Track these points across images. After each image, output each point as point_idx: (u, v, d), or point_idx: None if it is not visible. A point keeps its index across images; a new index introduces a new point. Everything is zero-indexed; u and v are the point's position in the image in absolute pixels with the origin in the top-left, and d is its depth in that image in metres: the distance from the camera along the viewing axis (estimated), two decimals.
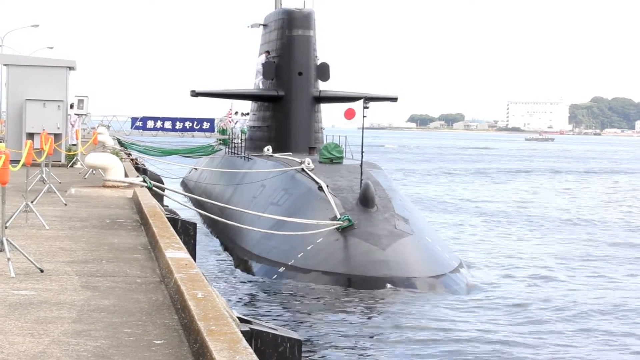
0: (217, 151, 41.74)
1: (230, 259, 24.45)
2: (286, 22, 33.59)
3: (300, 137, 33.06)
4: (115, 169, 17.96)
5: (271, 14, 35.69)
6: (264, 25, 36.32)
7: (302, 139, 32.88)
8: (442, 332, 16.52)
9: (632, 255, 28.46)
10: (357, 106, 24.44)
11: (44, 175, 17.71)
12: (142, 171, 26.88)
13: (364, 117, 23.36)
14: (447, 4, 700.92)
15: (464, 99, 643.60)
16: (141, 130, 43.74)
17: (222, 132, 43.27)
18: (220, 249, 26.56)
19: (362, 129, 23.21)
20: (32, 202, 13.13)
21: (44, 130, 20.69)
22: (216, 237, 28.42)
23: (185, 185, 44.40)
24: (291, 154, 31.05)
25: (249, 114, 40.02)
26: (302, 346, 8.10)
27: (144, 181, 17.38)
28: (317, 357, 14.66)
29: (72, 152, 25.83)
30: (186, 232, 13.87)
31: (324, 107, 35.47)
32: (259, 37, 37.16)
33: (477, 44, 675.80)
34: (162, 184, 22.05)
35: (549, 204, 47.59)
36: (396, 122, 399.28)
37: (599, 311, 19.22)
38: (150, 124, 43.58)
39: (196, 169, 40.31)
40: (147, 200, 14.87)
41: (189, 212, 25.27)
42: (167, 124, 43.76)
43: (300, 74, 33.36)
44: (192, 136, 45.02)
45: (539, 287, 21.82)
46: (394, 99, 37.76)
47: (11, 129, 25.18)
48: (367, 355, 14.96)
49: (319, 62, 34.06)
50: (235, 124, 43.75)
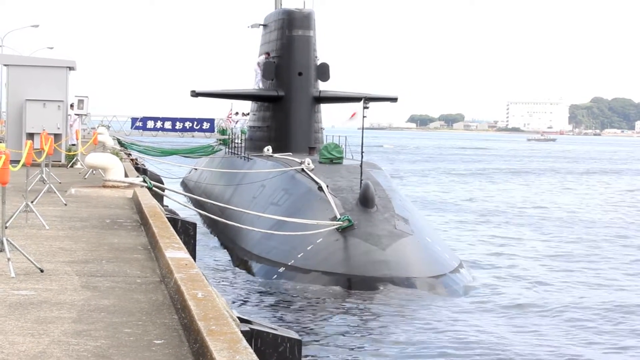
0: (217, 151, 41.74)
1: (230, 259, 24.46)
2: (286, 22, 33.61)
3: (300, 137, 33.07)
4: (115, 169, 17.97)
5: (271, 14, 35.70)
6: (264, 25, 36.34)
7: (302, 139, 32.89)
8: (442, 333, 16.53)
9: (632, 254, 28.48)
10: (357, 107, 24.43)
11: (44, 175, 17.71)
12: (142, 171, 26.88)
13: (363, 117, 23.38)
14: (447, 4, 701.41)
15: (463, 99, 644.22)
16: (141, 130, 43.70)
17: (222, 132, 43.27)
18: (220, 249, 26.56)
19: (362, 129, 23.21)
20: (32, 202, 13.13)
21: (44, 130, 20.70)
22: (216, 237, 28.42)
23: (185, 185, 44.41)
24: (291, 154, 31.05)
25: (249, 114, 40.03)
26: (302, 346, 8.10)
27: (144, 181, 17.38)
28: (317, 357, 14.67)
29: (72, 152, 25.83)
30: (186, 232, 13.86)
31: (324, 107, 35.51)
32: (259, 37, 37.19)
33: (477, 44, 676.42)
34: (162, 184, 22.05)
35: (549, 203, 47.59)
36: (396, 122, 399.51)
37: (599, 311, 19.23)
38: (150, 124, 43.54)
39: (196, 169, 40.32)
40: (147, 200, 14.87)
41: (189, 212, 25.29)
42: (167, 124, 43.72)
43: (300, 74, 33.38)
44: (192, 136, 45.00)
45: (538, 287, 21.82)
46: (394, 99, 37.77)
47: (11, 129, 25.19)
48: (366, 355, 14.96)
49: (319, 63, 34.07)
50: (235, 124, 43.74)
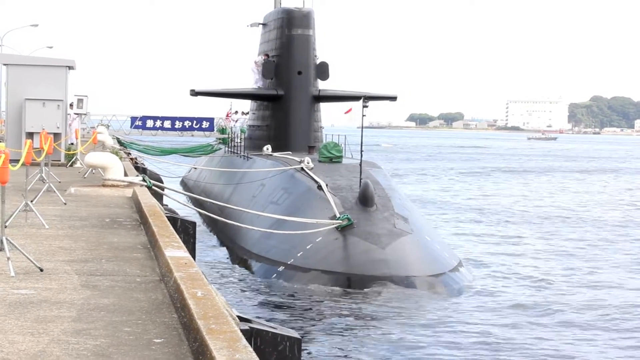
0: (216, 150, 41.75)
1: (229, 258, 24.47)
2: (285, 21, 33.61)
3: (299, 136, 33.07)
4: (114, 168, 17.97)
5: (270, 13, 35.69)
6: (264, 24, 36.33)
7: (302, 138, 32.90)
8: (441, 331, 16.55)
9: (632, 253, 28.48)
10: (357, 105, 24.44)
11: (43, 174, 17.70)
12: (141, 170, 26.90)
13: (363, 116, 23.38)
14: (446, 4, 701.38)
15: (463, 98, 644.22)
16: (140, 129, 43.69)
17: (222, 131, 43.27)
18: (219, 248, 26.57)
19: (362, 128, 23.22)
20: (31, 201, 13.13)
21: (43, 129, 20.68)
22: (216, 236, 28.43)
23: (184, 184, 44.41)
24: (290, 153, 31.06)
25: (249, 113, 40.02)
26: (302, 345, 8.11)
27: (144, 180, 17.38)
28: (317, 355, 14.68)
29: (71, 152, 25.83)
30: (186, 231, 13.86)
31: (324, 106, 35.52)
32: (258, 36, 37.18)
33: (477, 43, 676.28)
34: (162, 183, 22.07)
35: (548, 202, 47.61)
36: (395, 121, 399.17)
37: (598, 310, 19.24)
38: (149, 123, 43.54)
39: (195, 168, 40.33)
40: (146, 199, 14.87)
41: (188, 211, 25.28)
42: (167, 123, 43.70)
43: (299, 73, 33.38)
44: (192, 135, 44.99)
45: (538, 286, 21.83)
46: (394, 98, 37.78)
47: (11, 128, 25.19)
48: (365, 353, 14.97)
49: (318, 62, 34.07)
50: (235, 123, 43.74)
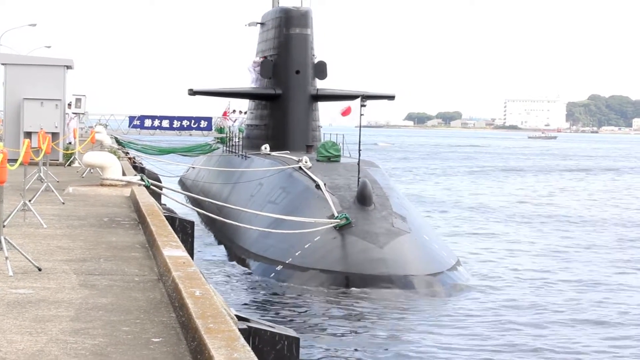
0: (214, 150, 41.77)
1: (228, 257, 24.48)
2: (283, 20, 33.63)
3: (297, 136, 33.09)
4: (112, 167, 17.97)
5: (268, 13, 35.70)
6: (262, 23, 36.35)
7: (300, 137, 32.91)
8: (440, 330, 16.56)
9: (631, 253, 28.50)
10: (355, 104, 24.46)
11: (41, 174, 17.68)
12: (139, 170, 26.89)
13: (361, 115, 23.41)
14: (445, 3, 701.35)
15: (461, 97, 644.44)
16: (139, 129, 43.74)
17: (220, 130, 43.28)
18: (217, 247, 26.58)
19: (360, 127, 23.23)
20: (29, 200, 13.13)
21: (41, 129, 20.66)
22: (214, 236, 28.44)
23: (182, 183, 44.41)
24: (289, 152, 31.07)
25: (247, 112, 40.04)
26: (300, 344, 8.12)
27: (142, 180, 17.38)
28: (315, 354, 14.69)
29: (69, 151, 25.82)
30: (184, 230, 13.86)
31: (322, 105, 35.54)
32: (256, 35, 37.19)
33: (475, 43, 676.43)
34: (160, 182, 22.07)
35: (547, 202, 47.64)
36: (393, 120, 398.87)
37: (597, 308, 19.27)
38: (147, 122, 43.58)
39: (194, 167, 40.34)
40: (144, 198, 14.87)
41: (186, 211, 25.28)
42: (165, 123, 43.75)
43: (297, 72, 33.40)
44: (190, 135, 45.03)
45: (536, 285, 21.85)
46: (392, 97, 37.81)
47: (9, 128, 25.18)
48: (364, 352, 14.98)
49: (316, 61, 34.09)
50: (234, 122, 43.77)
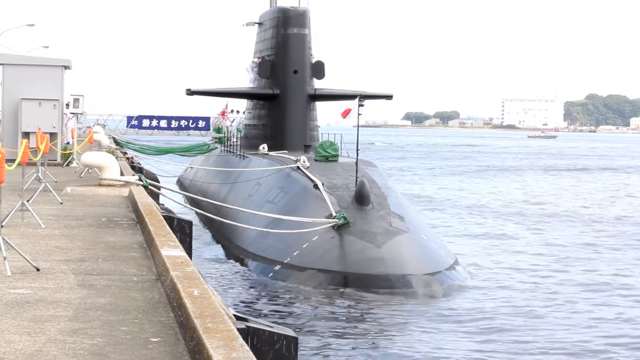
0: (212, 150, 41.78)
1: (226, 257, 24.48)
2: (281, 20, 33.64)
3: (295, 135, 33.10)
4: (111, 167, 17.96)
5: (266, 13, 35.71)
6: (259, 23, 36.37)
7: (298, 137, 32.92)
8: (438, 330, 16.57)
9: (630, 252, 28.52)
10: (353, 105, 24.48)
11: (39, 174, 17.67)
12: (137, 170, 26.89)
13: (359, 115, 23.42)
14: (443, 3, 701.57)
15: (459, 96, 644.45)
16: (137, 129, 43.72)
17: (218, 130, 43.28)
18: (216, 247, 26.58)
19: (357, 127, 23.25)
20: (28, 201, 13.12)
21: (39, 129, 20.67)
22: (212, 236, 28.44)
23: (181, 183, 44.42)
24: (287, 152, 31.08)
25: (245, 112, 40.05)
26: (298, 343, 8.12)
27: (140, 180, 17.39)
28: (313, 354, 14.70)
29: (67, 151, 25.82)
30: (182, 230, 13.86)
31: (319, 105, 35.54)
32: (254, 35, 37.21)
33: (472, 42, 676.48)
34: (158, 182, 22.07)
35: (546, 201, 47.65)
36: (391, 119, 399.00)
37: (595, 307, 19.30)
38: (145, 122, 43.56)
39: (192, 167, 40.35)
40: (143, 198, 14.88)
41: (185, 211, 25.29)
42: (163, 123, 43.71)
43: (295, 72, 33.41)
44: (188, 135, 45.01)
45: (534, 284, 21.87)
46: (389, 97, 37.84)
47: (7, 128, 25.17)
48: (362, 352, 14.99)
49: (314, 60, 34.11)
50: (232, 122, 43.77)
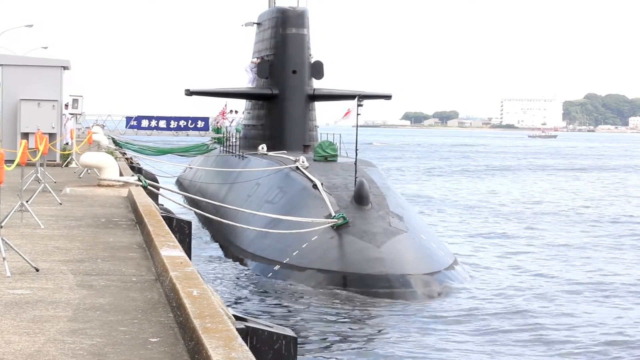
0: (211, 150, 41.77)
1: (225, 257, 24.48)
2: (280, 20, 33.65)
3: (294, 135, 33.10)
4: (110, 168, 17.97)
5: (265, 13, 35.72)
6: (258, 23, 36.38)
7: (297, 137, 32.92)
8: (437, 329, 16.58)
9: (629, 252, 28.53)
10: (352, 104, 24.50)
11: (38, 174, 17.67)
12: (137, 170, 26.89)
13: (358, 115, 23.43)
14: (442, 3, 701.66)
15: (458, 96, 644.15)
16: (136, 129, 43.67)
17: (217, 130, 43.27)
18: (215, 247, 26.58)
19: (357, 126, 23.26)
20: (27, 201, 13.12)
21: (38, 129, 20.66)
22: (211, 236, 28.44)
23: (180, 184, 44.42)
24: (286, 152, 31.08)
25: (244, 112, 40.06)
26: (298, 343, 8.13)
27: (139, 180, 17.39)
28: (313, 354, 14.71)
29: (67, 152, 25.82)
30: (181, 230, 13.86)
31: (319, 105, 35.55)
32: (253, 35, 37.21)
33: (471, 42, 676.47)
34: (157, 183, 22.07)
35: (545, 200, 47.67)
36: (390, 119, 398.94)
37: (593, 306, 19.31)
38: (144, 123, 43.51)
39: (191, 167, 40.35)
40: (142, 199, 14.88)
41: (184, 211, 25.29)
42: (162, 123, 43.67)
43: (294, 72, 33.42)
44: (187, 135, 44.96)
45: (533, 283, 21.88)
46: (388, 97, 37.86)
47: (6, 128, 25.17)
48: (361, 351, 15.00)
49: (313, 61, 34.11)
50: (231, 122, 43.75)
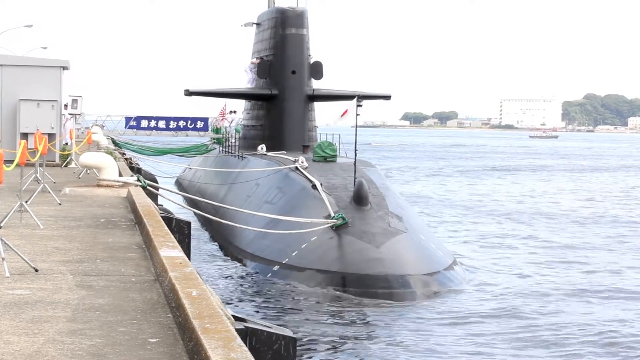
0: (211, 150, 41.78)
1: (224, 258, 24.47)
2: (279, 20, 33.65)
3: (294, 136, 33.10)
4: (109, 168, 17.97)
5: (264, 13, 35.72)
6: (257, 24, 36.38)
7: (296, 138, 32.92)
8: (436, 329, 16.58)
9: (629, 252, 28.54)
10: (351, 105, 24.47)
11: (38, 175, 17.68)
12: (136, 170, 26.88)
13: (357, 115, 23.42)
14: (441, 3, 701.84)
15: (457, 96, 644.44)
16: (135, 129, 43.68)
17: (216, 131, 43.28)
18: (214, 247, 26.58)
19: (356, 127, 23.25)
20: (26, 201, 13.12)
21: (38, 130, 20.66)
22: (211, 236, 28.43)
23: (179, 184, 44.41)
24: (285, 152, 31.07)
25: (244, 112, 40.07)
26: (297, 344, 8.13)
27: (138, 180, 17.39)
28: (312, 354, 14.71)
29: (66, 152, 25.81)
30: (180, 231, 13.86)
31: (318, 105, 35.55)
32: (252, 36, 37.21)
33: (471, 42, 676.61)
34: (157, 183, 22.07)
35: (544, 200, 47.67)
36: (390, 120, 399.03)
37: (593, 306, 19.31)
38: (144, 123, 43.52)
39: (190, 168, 40.36)
40: (141, 199, 14.88)
41: (183, 211, 25.29)
42: (161, 123, 43.68)
43: (293, 72, 33.42)
44: (186, 135, 44.98)
45: (532, 284, 21.88)
46: (388, 97, 37.86)
47: (5, 129, 25.17)
48: (361, 352, 15.00)
49: (312, 61, 34.11)
50: (230, 122, 43.76)
